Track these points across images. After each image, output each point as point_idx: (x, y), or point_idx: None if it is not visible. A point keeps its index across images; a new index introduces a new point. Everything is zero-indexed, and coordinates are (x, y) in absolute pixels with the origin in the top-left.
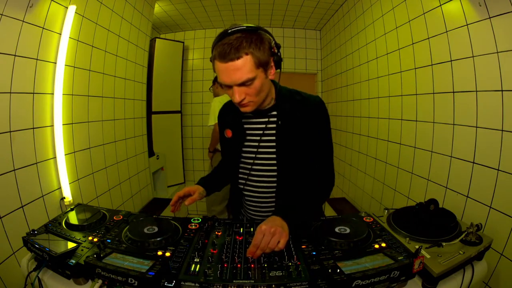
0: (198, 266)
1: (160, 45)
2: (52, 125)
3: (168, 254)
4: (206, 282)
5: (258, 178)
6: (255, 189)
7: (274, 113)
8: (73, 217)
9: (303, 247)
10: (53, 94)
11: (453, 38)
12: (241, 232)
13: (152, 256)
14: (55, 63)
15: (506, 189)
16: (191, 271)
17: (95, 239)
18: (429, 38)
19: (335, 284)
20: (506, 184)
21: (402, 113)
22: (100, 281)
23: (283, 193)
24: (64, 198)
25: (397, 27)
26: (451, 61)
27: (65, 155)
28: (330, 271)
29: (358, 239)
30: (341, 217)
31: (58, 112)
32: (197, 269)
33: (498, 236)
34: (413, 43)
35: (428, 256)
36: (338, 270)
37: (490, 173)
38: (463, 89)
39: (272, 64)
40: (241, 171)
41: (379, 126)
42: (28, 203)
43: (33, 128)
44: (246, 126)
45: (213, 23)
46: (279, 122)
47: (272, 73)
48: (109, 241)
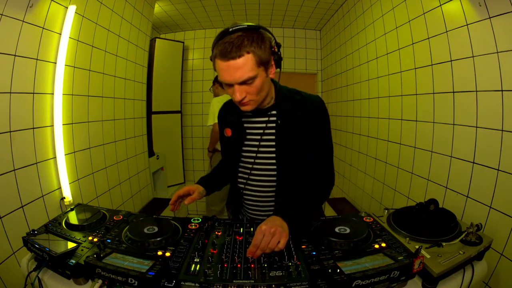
0: (198, 266)
1: (160, 45)
2: (52, 125)
3: (168, 254)
4: (206, 282)
5: (259, 178)
6: (255, 187)
7: (274, 112)
8: (73, 217)
9: (303, 247)
10: (53, 94)
11: (453, 38)
12: (241, 232)
13: (152, 256)
14: (55, 63)
15: (506, 189)
16: (191, 271)
17: (95, 239)
18: (429, 38)
19: (335, 284)
20: (506, 184)
21: (402, 113)
22: (100, 281)
23: (282, 193)
24: (64, 198)
25: (397, 27)
26: (451, 61)
27: (65, 155)
28: (330, 271)
29: (358, 239)
30: (341, 217)
31: (58, 112)
32: (197, 269)
33: (498, 236)
34: (413, 43)
35: (428, 256)
36: (338, 270)
37: (490, 173)
38: (463, 89)
39: (273, 63)
40: (241, 170)
41: (379, 126)
42: (28, 203)
43: (33, 128)
44: (246, 125)
45: (213, 23)
46: (279, 121)
47: (272, 72)
48: (109, 241)
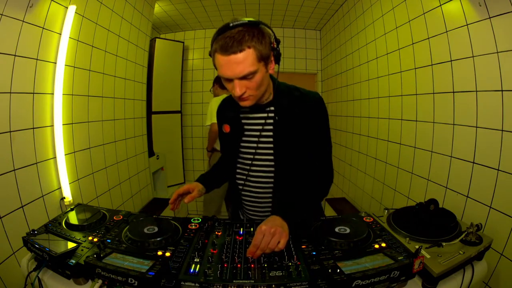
0: (198, 266)
1: (160, 45)
2: (52, 125)
3: (168, 254)
4: (206, 282)
5: (258, 174)
6: (254, 184)
7: (272, 108)
8: (73, 217)
9: (303, 247)
10: (53, 94)
11: (453, 38)
12: (241, 232)
13: (152, 256)
14: (55, 63)
15: (506, 189)
16: (191, 271)
17: (95, 239)
18: (429, 38)
19: (335, 284)
20: (506, 184)
21: (402, 113)
22: (100, 281)
23: (280, 190)
24: (64, 198)
25: (397, 27)
26: (451, 61)
27: (65, 155)
28: (330, 271)
29: (358, 239)
30: (341, 217)
31: (58, 112)
32: (197, 269)
33: (498, 236)
34: (413, 43)
35: (428, 256)
36: (338, 270)
37: (490, 173)
38: (463, 89)
39: (272, 59)
40: (240, 166)
41: (379, 126)
42: (28, 203)
43: (33, 128)
44: (244, 121)
45: (213, 23)
46: (277, 117)
47: (272, 67)
48: (109, 241)
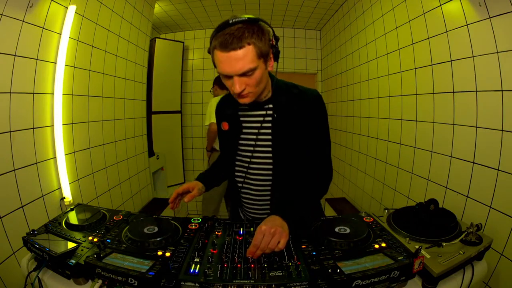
0: (198, 266)
1: (160, 45)
2: (52, 125)
3: (168, 254)
4: (206, 282)
5: (257, 172)
6: (253, 181)
7: (270, 106)
8: (73, 217)
9: (303, 247)
10: (53, 94)
11: (453, 38)
12: (241, 232)
13: (152, 256)
14: (55, 63)
15: (506, 189)
16: (191, 271)
17: (95, 239)
18: (429, 38)
19: (335, 284)
20: (506, 184)
21: (402, 113)
22: (100, 281)
23: (279, 188)
24: (64, 198)
25: (397, 27)
26: (451, 61)
27: (65, 155)
28: (330, 271)
29: (358, 239)
30: (341, 217)
31: (58, 112)
32: (197, 269)
33: (498, 236)
34: (413, 43)
35: (428, 256)
36: (338, 270)
37: (490, 173)
38: (463, 89)
39: (271, 56)
40: (239, 164)
41: (379, 126)
42: (28, 203)
43: (33, 128)
44: (242, 119)
45: (213, 23)
46: (275, 115)
47: (271, 64)
48: (109, 241)
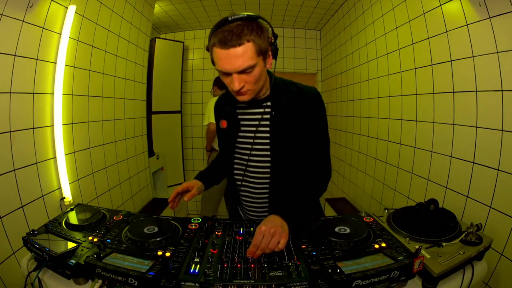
0: (198, 266)
1: (160, 45)
2: (52, 125)
3: (168, 254)
4: (206, 282)
5: (255, 170)
6: (252, 179)
7: (269, 103)
8: (73, 217)
9: (303, 247)
10: (53, 94)
11: (453, 38)
12: (241, 232)
13: (152, 256)
14: (55, 63)
15: (506, 189)
16: (191, 271)
17: (95, 239)
18: (429, 38)
19: (335, 284)
20: (506, 184)
21: (402, 113)
22: (100, 281)
23: (277, 186)
24: (64, 198)
25: (397, 27)
26: (451, 61)
27: (65, 155)
28: (330, 271)
29: (358, 239)
30: (341, 217)
31: (58, 112)
32: (197, 269)
33: (498, 236)
34: (413, 43)
35: (428, 256)
36: (338, 270)
37: (490, 173)
38: (463, 89)
39: (270, 53)
40: (238, 162)
41: (379, 126)
42: (28, 203)
43: (33, 128)
44: (240, 116)
45: (213, 23)
46: (273, 113)
47: (269, 62)
48: (109, 241)
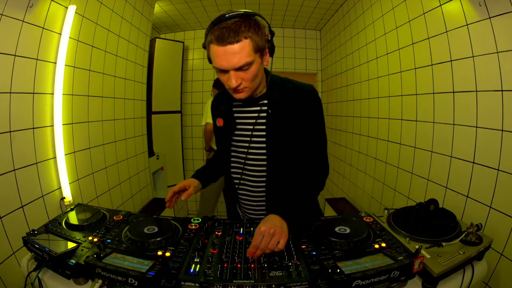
0: (198, 266)
1: (160, 45)
2: (52, 125)
3: (168, 254)
4: (206, 282)
5: (252, 168)
6: (249, 177)
7: (265, 101)
8: (73, 217)
9: (303, 247)
10: (53, 94)
11: (453, 38)
12: (241, 232)
13: (152, 256)
14: (55, 63)
15: (506, 189)
16: (191, 271)
17: (95, 239)
18: (429, 38)
19: (335, 284)
20: (506, 184)
21: (402, 113)
22: (100, 281)
23: (273, 184)
24: (64, 198)
25: (397, 27)
26: (451, 61)
27: (65, 155)
28: (330, 271)
29: (358, 239)
30: (341, 217)
31: (58, 112)
32: (197, 269)
33: (498, 236)
34: (413, 43)
35: (428, 256)
36: (338, 270)
37: (490, 173)
38: (463, 89)
39: (267, 51)
40: (235, 160)
41: (379, 126)
42: (28, 203)
43: (33, 128)
44: (236, 114)
45: None
46: (269, 110)
47: (266, 59)
48: (109, 241)
